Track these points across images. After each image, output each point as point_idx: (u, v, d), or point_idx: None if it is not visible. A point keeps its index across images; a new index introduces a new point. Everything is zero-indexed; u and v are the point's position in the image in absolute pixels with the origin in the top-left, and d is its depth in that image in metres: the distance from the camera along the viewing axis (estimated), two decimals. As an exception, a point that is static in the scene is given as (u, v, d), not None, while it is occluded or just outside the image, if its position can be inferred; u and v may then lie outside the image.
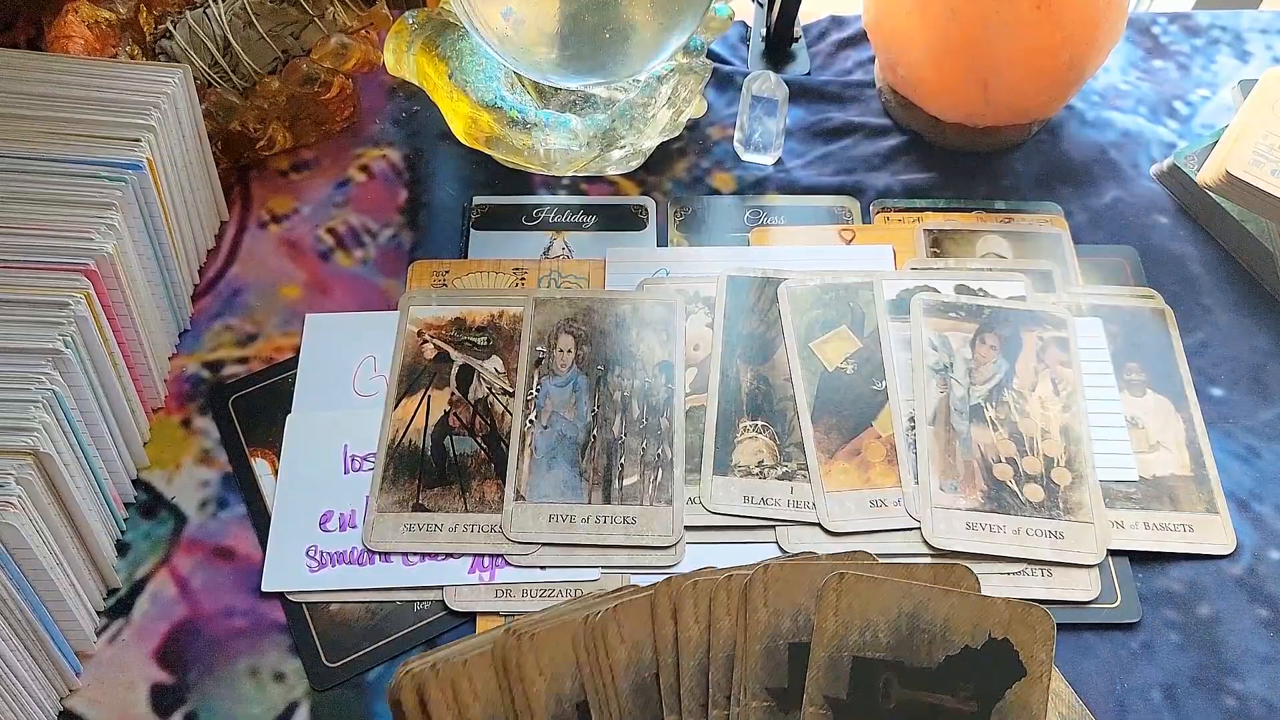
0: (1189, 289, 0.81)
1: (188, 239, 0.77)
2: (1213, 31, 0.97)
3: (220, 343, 0.77)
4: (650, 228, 0.83)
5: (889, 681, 0.57)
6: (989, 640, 0.58)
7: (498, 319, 0.77)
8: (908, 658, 0.58)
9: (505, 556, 0.68)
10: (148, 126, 0.70)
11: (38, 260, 0.64)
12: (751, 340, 0.77)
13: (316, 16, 0.86)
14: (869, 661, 0.58)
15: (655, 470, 0.71)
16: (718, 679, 0.58)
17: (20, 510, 0.57)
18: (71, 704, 0.63)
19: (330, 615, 0.67)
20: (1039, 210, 0.85)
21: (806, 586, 0.59)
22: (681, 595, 0.59)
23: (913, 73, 0.84)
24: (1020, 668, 0.58)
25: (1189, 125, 0.91)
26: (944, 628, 0.58)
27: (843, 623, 0.58)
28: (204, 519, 0.70)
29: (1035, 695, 0.58)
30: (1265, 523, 0.71)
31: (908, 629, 0.58)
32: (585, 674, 0.58)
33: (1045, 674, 0.58)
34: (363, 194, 0.85)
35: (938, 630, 0.58)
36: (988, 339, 0.77)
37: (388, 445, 0.72)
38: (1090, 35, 0.79)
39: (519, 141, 0.78)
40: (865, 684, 0.57)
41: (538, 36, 0.76)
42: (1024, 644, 0.58)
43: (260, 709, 0.64)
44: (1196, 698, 0.65)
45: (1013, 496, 0.71)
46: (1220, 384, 0.77)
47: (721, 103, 0.91)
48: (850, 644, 0.58)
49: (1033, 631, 0.58)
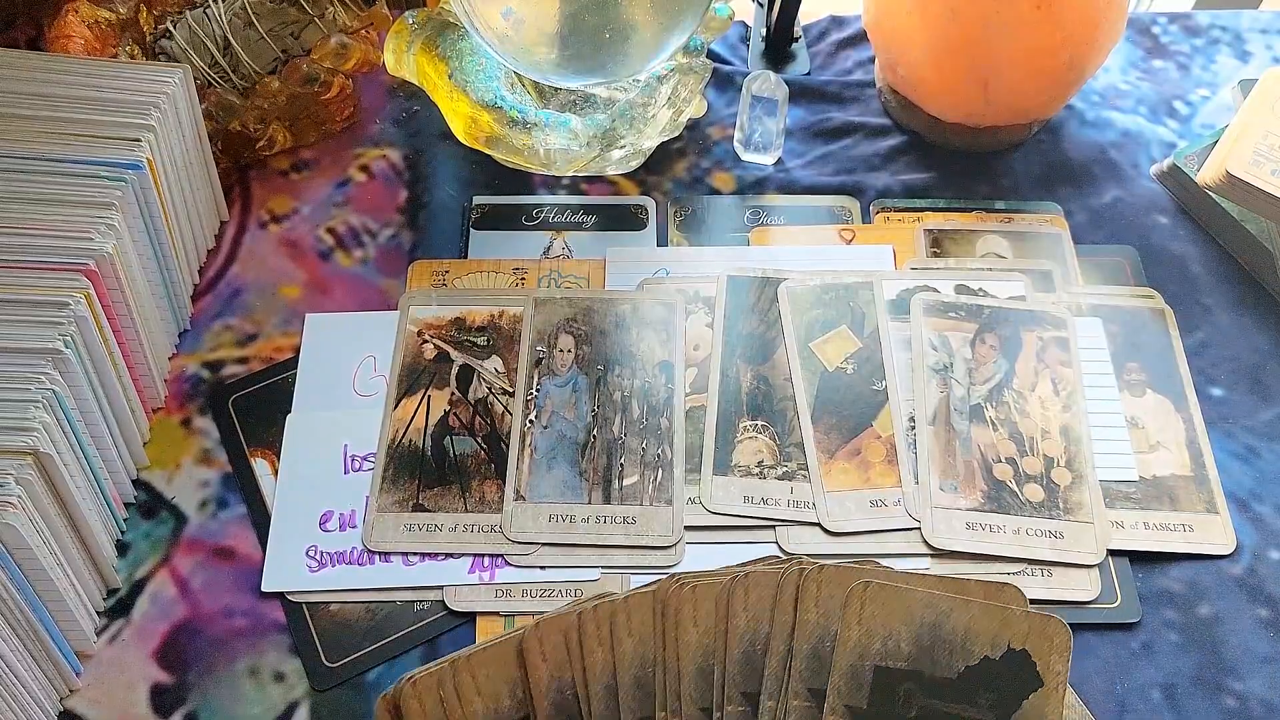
0: (1189, 289, 0.81)
1: (188, 239, 0.77)
2: (1213, 31, 0.97)
3: (220, 343, 0.77)
4: (650, 228, 0.83)
5: (909, 691, 0.57)
6: (1008, 651, 0.58)
7: (498, 319, 0.77)
8: (928, 668, 0.58)
9: (505, 556, 0.68)
10: (148, 126, 0.70)
11: (38, 260, 0.64)
12: (751, 340, 0.77)
13: (316, 16, 0.86)
14: (890, 671, 0.58)
15: (655, 470, 0.71)
16: (738, 675, 0.58)
17: (20, 510, 0.57)
18: (71, 704, 0.63)
19: (330, 615, 0.67)
20: (1039, 210, 0.85)
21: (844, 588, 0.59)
22: (686, 596, 0.59)
23: (913, 73, 0.84)
24: (1037, 679, 0.58)
25: (1189, 125, 0.91)
26: (965, 638, 0.58)
27: (866, 631, 0.58)
28: (204, 519, 0.70)
29: (1051, 706, 0.57)
30: (1265, 523, 0.71)
31: (929, 639, 0.58)
32: (576, 671, 0.58)
33: (1061, 685, 0.58)
34: (363, 194, 0.85)
35: (958, 641, 0.58)
36: (988, 339, 0.77)
37: (388, 445, 0.72)
38: (1090, 35, 0.79)
39: (519, 141, 0.78)
40: (885, 694, 0.57)
41: (538, 36, 0.76)
42: (1041, 655, 0.58)
43: (260, 709, 0.64)
44: (1196, 698, 0.65)
45: (1013, 496, 0.71)
46: (1220, 384, 0.77)
47: (721, 103, 0.91)
48: (873, 653, 0.58)
49: (1050, 642, 0.58)
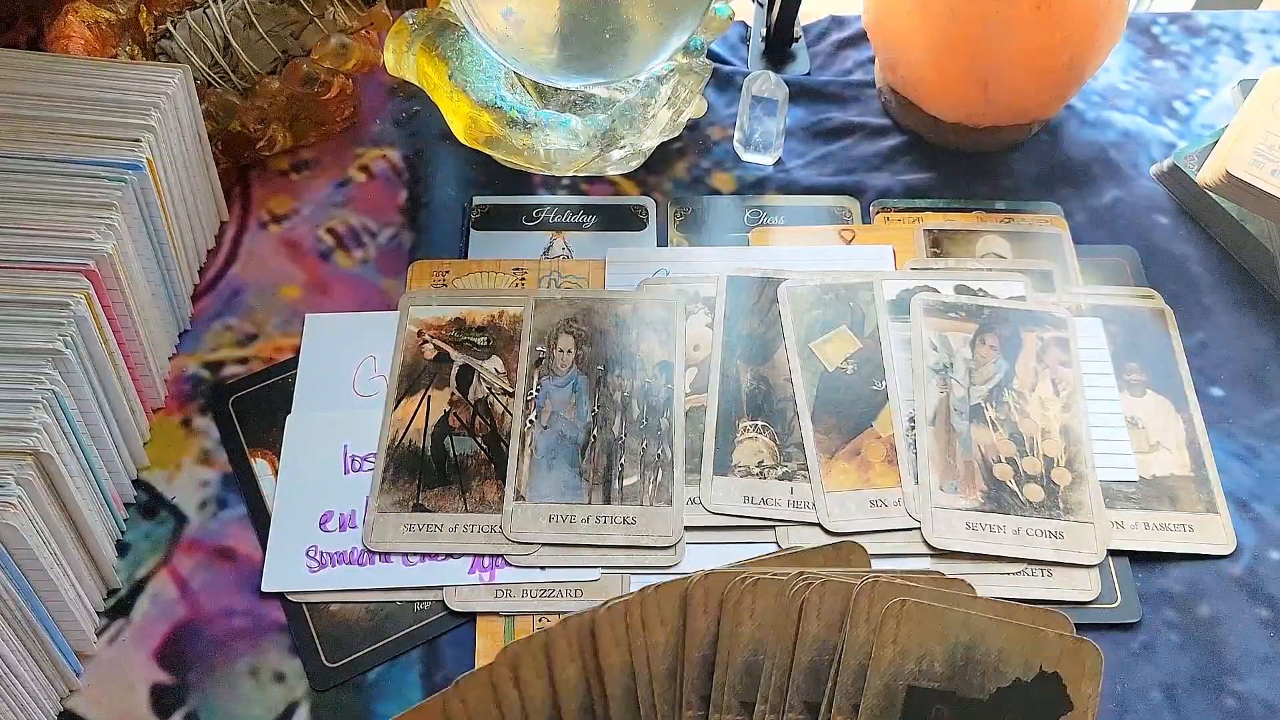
0: (1189, 289, 0.81)
1: (188, 239, 0.77)
2: (1213, 31, 0.97)
3: (220, 343, 0.77)
4: (650, 228, 0.83)
5: (940, 713, 0.57)
6: (1040, 673, 0.58)
7: (498, 319, 0.77)
8: (960, 688, 0.57)
9: (505, 556, 0.68)
10: (148, 127, 0.70)
11: (38, 260, 0.64)
12: (751, 340, 0.77)
13: (316, 16, 0.86)
14: (923, 691, 0.57)
15: (655, 470, 0.71)
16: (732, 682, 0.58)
17: (20, 511, 0.57)
18: (72, 704, 0.63)
19: (330, 615, 0.67)
20: (1039, 210, 0.85)
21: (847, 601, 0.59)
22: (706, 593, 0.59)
23: (913, 73, 0.84)
24: (1067, 702, 0.57)
25: (1189, 125, 0.91)
26: (998, 659, 0.57)
27: (901, 651, 0.57)
28: (204, 519, 0.70)
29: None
30: (1265, 523, 0.71)
31: (963, 659, 0.57)
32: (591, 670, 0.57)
33: (1092, 709, 0.57)
34: (363, 194, 0.84)
35: (992, 662, 0.57)
36: (988, 339, 0.77)
37: (388, 445, 0.72)
38: (1090, 35, 0.79)
39: (519, 141, 0.78)
40: (917, 714, 0.57)
41: (538, 36, 0.76)
42: (1073, 678, 0.58)
43: (260, 709, 0.64)
44: (1196, 698, 0.65)
45: (1013, 496, 0.71)
46: (1220, 384, 0.77)
47: (721, 103, 0.91)
48: (906, 673, 0.57)
49: (1082, 666, 0.58)
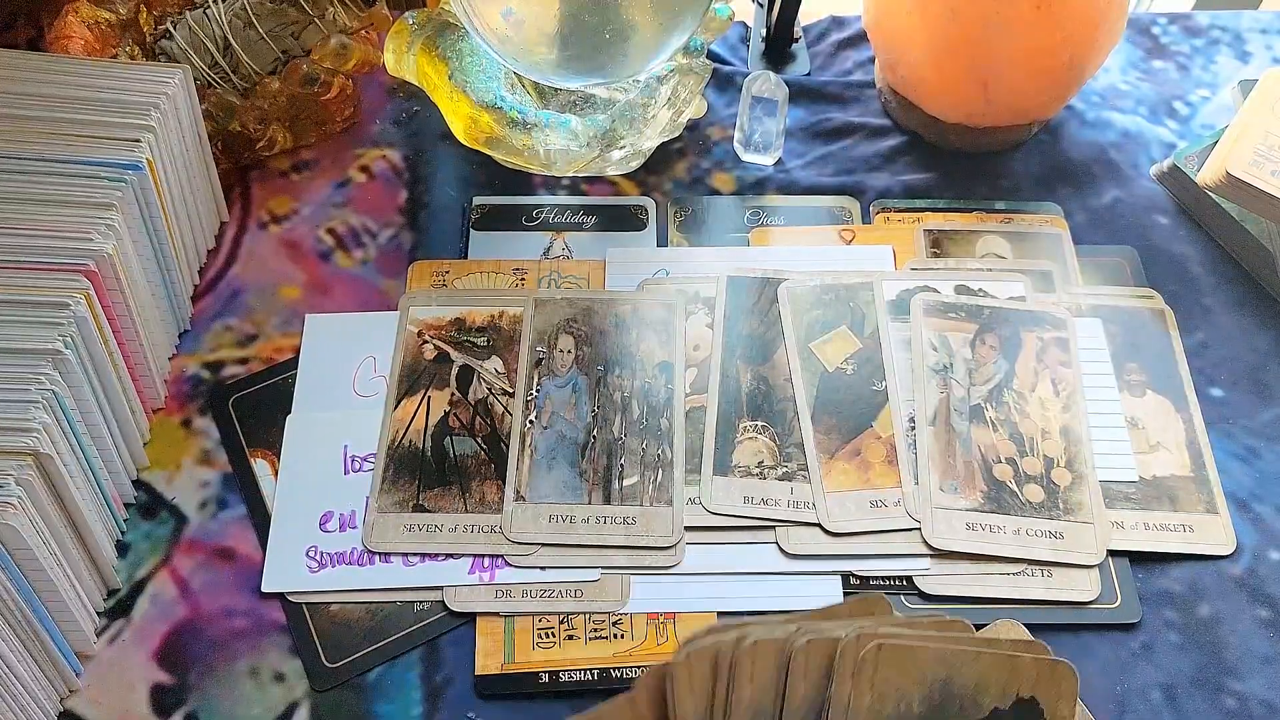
0: (1189, 289, 0.81)
1: (188, 239, 0.77)
2: (1213, 31, 0.97)
3: (220, 343, 0.77)
4: (650, 228, 0.83)
5: None
6: (1017, 700, 0.57)
7: (498, 319, 0.77)
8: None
9: (505, 557, 0.68)
10: (148, 127, 0.70)
11: (37, 260, 0.64)
12: (751, 340, 0.77)
13: (316, 17, 0.86)
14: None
15: (655, 470, 0.71)
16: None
17: (20, 511, 0.57)
18: (72, 705, 0.63)
19: (330, 616, 0.67)
20: (1039, 210, 0.85)
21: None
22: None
23: (913, 73, 0.84)
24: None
25: (1189, 125, 0.91)
26: (975, 691, 0.57)
27: (879, 695, 0.56)
28: (204, 519, 0.70)
29: None
30: (1265, 523, 0.71)
31: (941, 696, 0.57)
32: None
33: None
34: (363, 194, 0.84)
35: (969, 694, 0.57)
36: (988, 339, 0.77)
37: (388, 446, 0.72)
38: (1090, 35, 0.79)
39: (519, 142, 0.78)
40: None
41: (538, 36, 0.76)
42: (1049, 701, 0.57)
43: (260, 709, 0.64)
44: (1196, 698, 0.65)
45: (1013, 497, 0.71)
46: (1220, 384, 0.77)
47: (721, 103, 0.91)
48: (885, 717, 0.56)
49: (1058, 688, 0.57)
